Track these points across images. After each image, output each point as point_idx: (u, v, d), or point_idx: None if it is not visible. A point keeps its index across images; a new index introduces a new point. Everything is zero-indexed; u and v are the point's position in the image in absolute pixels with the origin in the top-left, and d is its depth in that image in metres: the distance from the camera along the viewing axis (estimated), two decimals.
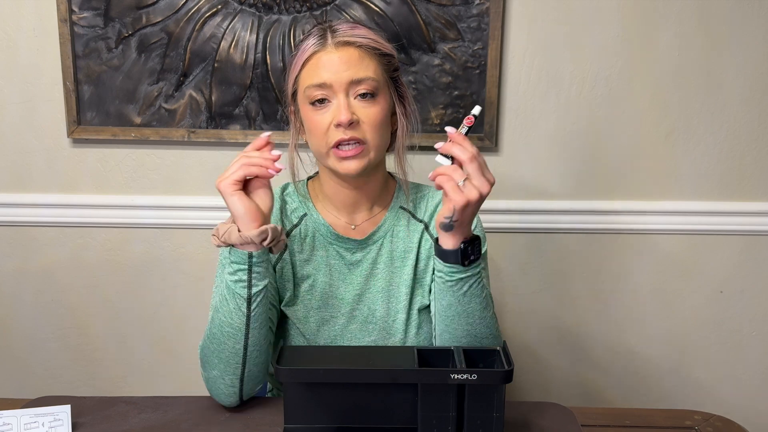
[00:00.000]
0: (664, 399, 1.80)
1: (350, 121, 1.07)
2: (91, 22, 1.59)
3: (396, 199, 1.23)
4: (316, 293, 1.19)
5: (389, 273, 1.20)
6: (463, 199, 0.99)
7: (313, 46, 1.10)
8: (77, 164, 1.69)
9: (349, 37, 1.09)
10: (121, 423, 1.05)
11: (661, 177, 1.67)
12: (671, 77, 1.62)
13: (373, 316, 1.19)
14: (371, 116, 1.09)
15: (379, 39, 1.13)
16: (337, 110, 1.08)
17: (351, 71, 1.08)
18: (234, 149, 1.66)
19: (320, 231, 1.19)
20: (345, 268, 1.20)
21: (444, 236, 1.04)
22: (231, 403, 1.10)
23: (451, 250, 1.04)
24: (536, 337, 1.78)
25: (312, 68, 1.10)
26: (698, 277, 1.73)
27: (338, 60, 1.08)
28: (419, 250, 1.20)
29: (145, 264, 1.74)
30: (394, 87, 1.15)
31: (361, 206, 1.20)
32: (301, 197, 1.22)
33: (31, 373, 1.81)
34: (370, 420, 0.97)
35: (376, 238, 1.20)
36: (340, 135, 1.08)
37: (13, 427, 0.97)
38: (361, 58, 1.09)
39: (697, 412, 1.14)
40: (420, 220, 1.22)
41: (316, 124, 1.10)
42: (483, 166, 1.01)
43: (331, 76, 1.08)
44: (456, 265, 1.04)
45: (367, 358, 1.00)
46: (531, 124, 1.65)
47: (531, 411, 1.09)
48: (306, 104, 1.11)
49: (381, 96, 1.11)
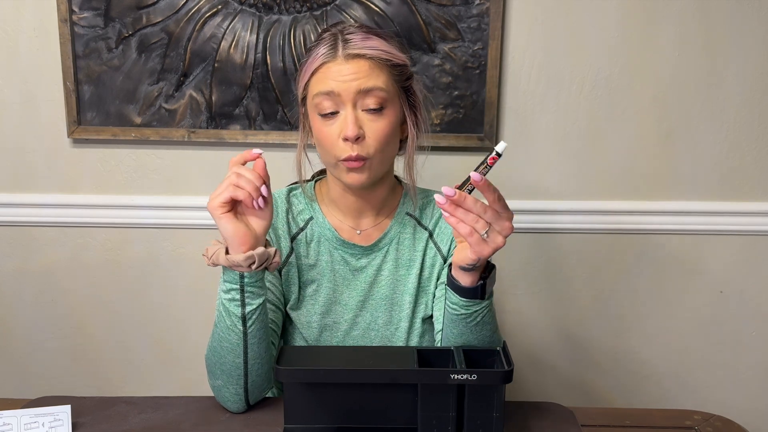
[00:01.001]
0: (664, 399, 1.80)
1: (357, 136, 1.06)
2: (91, 22, 1.59)
3: (402, 205, 1.21)
4: (320, 298, 1.18)
5: (393, 281, 1.19)
6: (489, 250, 0.95)
7: (323, 56, 1.08)
8: (77, 164, 1.69)
9: (360, 50, 1.07)
10: (121, 423, 1.05)
11: (661, 177, 1.67)
12: (671, 77, 1.62)
13: (375, 324, 1.19)
14: (377, 131, 1.08)
15: (391, 50, 1.10)
16: (344, 123, 1.07)
17: (360, 81, 1.06)
18: (234, 149, 1.66)
19: (325, 235, 1.19)
20: (349, 273, 1.19)
21: (462, 275, 1.00)
22: (238, 409, 1.09)
23: (470, 288, 1.00)
24: (536, 337, 1.78)
25: (321, 77, 1.09)
26: (698, 277, 1.73)
27: (348, 71, 1.07)
28: (424, 258, 1.19)
29: (145, 264, 1.74)
30: (405, 96, 1.14)
31: (366, 212, 1.19)
32: (308, 199, 1.21)
33: (31, 373, 1.81)
34: (370, 420, 0.97)
35: (382, 245, 1.19)
36: (347, 152, 1.07)
37: (13, 427, 0.97)
38: (371, 69, 1.07)
39: (697, 412, 1.14)
40: (425, 227, 1.21)
41: (324, 135, 1.09)
42: (501, 208, 0.95)
43: (339, 86, 1.06)
44: (473, 299, 1.01)
45: (367, 359, 1.00)
46: (531, 124, 1.65)
47: (531, 411, 1.09)
48: (314, 113, 1.11)
49: (390, 108, 1.09)
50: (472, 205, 0.94)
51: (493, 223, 0.94)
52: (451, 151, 1.65)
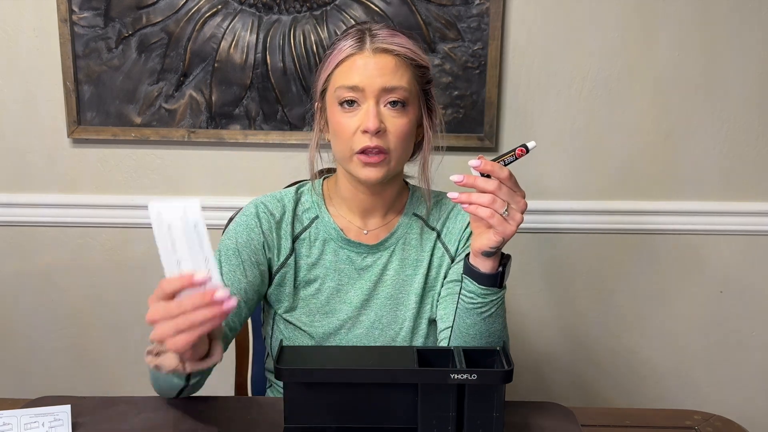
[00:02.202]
0: (664, 399, 1.80)
1: (377, 129, 1.06)
2: (91, 22, 1.59)
3: (409, 205, 1.21)
4: (321, 297, 1.18)
5: (399, 280, 1.19)
6: (512, 228, 0.96)
7: (350, 48, 1.08)
8: (77, 164, 1.69)
9: (389, 45, 1.07)
10: (121, 423, 1.05)
11: (661, 177, 1.68)
12: (671, 77, 1.62)
13: (379, 323, 1.19)
14: (398, 127, 1.08)
15: (416, 50, 1.11)
16: (366, 116, 1.06)
17: (385, 78, 1.06)
18: (234, 149, 1.66)
19: (331, 235, 1.18)
20: (355, 272, 1.18)
21: (483, 261, 1.00)
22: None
23: (489, 274, 1.01)
24: (536, 337, 1.78)
25: (346, 69, 1.08)
26: (698, 277, 1.73)
27: (374, 65, 1.06)
28: (432, 258, 1.19)
29: (146, 264, 1.74)
30: (424, 99, 1.14)
31: (375, 211, 1.19)
32: (317, 196, 1.20)
33: (31, 373, 1.81)
34: (370, 420, 0.97)
35: (389, 245, 1.19)
36: (366, 142, 1.06)
37: (13, 427, 0.97)
38: (397, 67, 1.07)
39: (697, 412, 1.13)
40: (433, 228, 1.21)
41: (343, 127, 1.08)
42: (514, 185, 0.96)
43: (364, 80, 1.06)
44: (492, 287, 1.02)
45: (367, 358, 1.00)
46: (531, 124, 1.65)
47: (531, 411, 1.09)
48: (335, 104, 1.10)
49: (410, 107, 1.09)
50: (484, 183, 0.95)
51: (509, 201, 0.95)
52: (451, 151, 1.64)
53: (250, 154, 1.67)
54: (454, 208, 1.21)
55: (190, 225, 0.83)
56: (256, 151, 1.66)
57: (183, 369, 0.90)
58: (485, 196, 0.95)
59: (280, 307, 1.18)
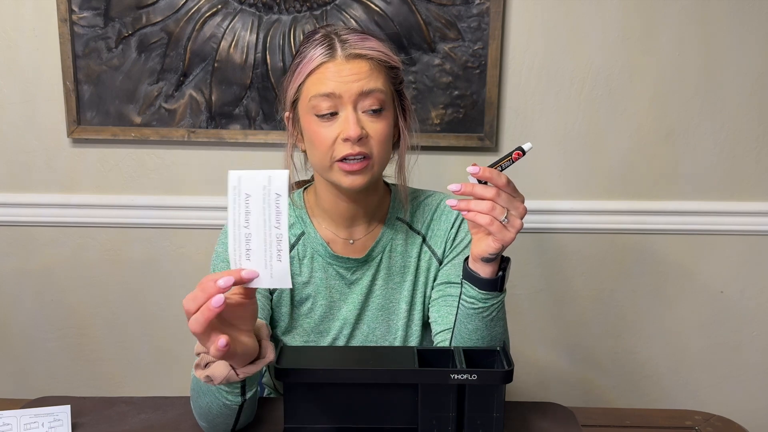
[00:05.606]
0: (664, 399, 1.80)
1: (360, 137, 1.04)
2: (91, 22, 1.59)
3: (392, 210, 1.19)
4: (315, 316, 1.17)
5: (388, 289, 1.18)
6: (512, 234, 0.95)
7: (321, 56, 1.05)
8: (77, 164, 1.69)
9: (361, 50, 1.06)
10: (121, 423, 1.05)
11: (661, 177, 1.67)
12: (671, 77, 1.62)
13: (373, 335, 1.18)
14: (379, 131, 1.06)
15: (388, 52, 1.10)
16: (346, 123, 1.04)
17: (361, 83, 1.04)
18: (234, 149, 1.66)
19: (318, 251, 1.16)
20: (345, 287, 1.17)
21: (482, 266, 1.00)
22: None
23: (490, 279, 1.00)
24: (536, 337, 1.78)
25: (319, 78, 1.05)
26: (698, 277, 1.73)
27: (348, 71, 1.04)
28: (419, 263, 1.18)
29: (145, 264, 1.74)
30: (399, 100, 1.13)
31: (359, 219, 1.16)
32: (298, 210, 1.18)
33: (31, 373, 1.81)
34: (370, 420, 0.97)
35: (375, 255, 1.17)
36: (347, 150, 1.04)
37: (13, 427, 0.97)
38: (372, 70, 1.06)
39: (697, 412, 1.14)
40: (418, 231, 1.19)
41: (321, 137, 1.06)
42: (513, 191, 0.95)
43: (340, 87, 1.04)
44: (492, 291, 1.01)
45: (367, 359, 1.00)
46: (531, 124, 1.65)
47: (531, 411, 1.09)
48: (310, 115, 1.07)
49: (388, 110, 1.08)
50: (482, 191, 0.94)
51: (508, 207, 0.95)
52: (451, 151, 1.65)
53: (250, 154, 1.67)
54: (437, 209, 1.19)
55: (272, 196, 0.78)
56: (256, 151, 1.66)
57: (236, 375, 0.87)
58: (484, 203, 0.94)
59: (279, 328, 1.17)
